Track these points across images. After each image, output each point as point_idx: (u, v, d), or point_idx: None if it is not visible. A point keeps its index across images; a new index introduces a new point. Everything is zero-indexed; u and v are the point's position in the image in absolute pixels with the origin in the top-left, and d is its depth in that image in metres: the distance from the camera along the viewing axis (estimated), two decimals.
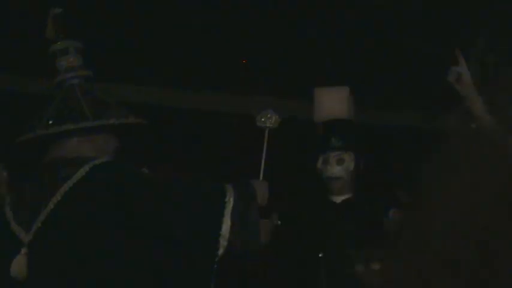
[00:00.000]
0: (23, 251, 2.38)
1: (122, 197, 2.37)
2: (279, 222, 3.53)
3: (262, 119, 3.13)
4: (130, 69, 5.35)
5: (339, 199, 3.76)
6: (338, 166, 3.72)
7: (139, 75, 5.46)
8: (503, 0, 3.63)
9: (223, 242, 2.40)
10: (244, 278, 3.64)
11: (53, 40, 2.61)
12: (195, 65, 5.52)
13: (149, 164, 2.67)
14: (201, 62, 5.45)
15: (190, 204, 2.44)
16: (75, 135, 2.51)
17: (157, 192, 2.42)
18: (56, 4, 2.59)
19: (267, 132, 3.10)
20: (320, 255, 3.60)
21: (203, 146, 5.54)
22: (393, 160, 5.37)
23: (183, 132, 5.57)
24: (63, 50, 2.60)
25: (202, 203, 2.47)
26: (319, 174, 3.76)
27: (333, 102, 3.83)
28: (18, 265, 2.37)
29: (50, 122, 2.51)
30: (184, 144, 5.51)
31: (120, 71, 5.25)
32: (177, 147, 5.48)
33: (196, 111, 5.75)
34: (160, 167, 2.79)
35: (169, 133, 5.34)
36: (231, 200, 2.44)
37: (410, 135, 5.63)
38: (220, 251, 2.41)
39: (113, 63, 4.94)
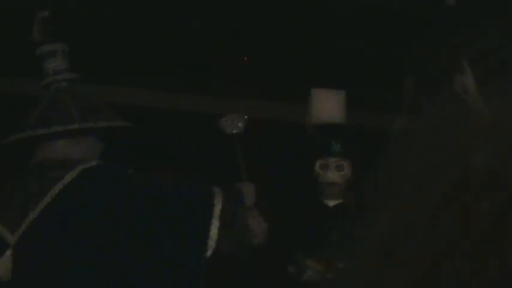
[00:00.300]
0: (8, 252, 2.38)
1: (112, 200, 2.38)
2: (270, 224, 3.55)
3: (228, 125, 3.11)
4: (117, 71, 5.35)
5: (332, 203, 3.77)
6: (337, 172, 3.72)
7: (125, 77, 5.45)
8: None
9: (211, 244, 2.42)
10: (235, 278, 3.65)
11: (40, 42, 2.61)
12: (179, 67, 5.51)
13: (138, 166, 2.68)
14: (185, 64, 5.44)
15: (179, 207, 2.45)
16: (63, 137, 2.52)
17: (147, 194, 2.43)
18: (43, 7, 2.59)
19: (236, 136, 3.09)
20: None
21: (190, 148, 5.54)
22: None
23: (170, 134, 5.56)
24: (50, 52, 2.60)
25: (191, 205, 2.48)
26: (315, 178, 3.76)
27: (330, 105, 3.80)
28: (3, 266, 2.37)
29: (38, 124, 2.52)
30: (171, 146, 5.51)
31: (106, 73, 5.24)
32: (165, 149, 5.47)
33: (183, 113, 5.74)
34: (149, 169, 2.80)
35: (156, 135, 5.33)
36: (220, 202, 2.45)
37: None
38: (209, 253, 2.42)
39: (99, 65, 4.93)
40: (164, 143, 5.42)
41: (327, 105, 3.84)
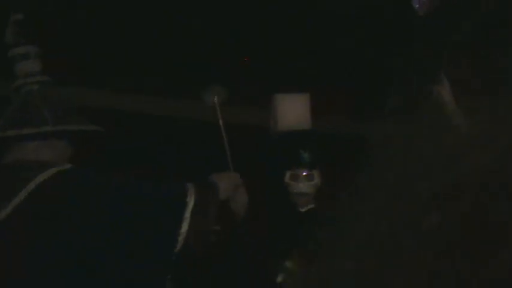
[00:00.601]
0: None
1: (84, 202, 2.38)
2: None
3: (209, 97, 3.15)
4: (92, 74, 5.33)
5: (303, 208, 3.83)
6: (307, 182, 3.76)
7: (101, 79, 5.44)
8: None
9: (181, 240, 2.43)
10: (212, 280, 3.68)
11: (13, 45, 2.60)
12: (156, 69, 5.51)
13: (113, 168, 2.69)
14: (162, 67, 5.44)
15: (152, 208, 2.47)
16: (34, 139, 2.51)
17: (119, 196, 2.44)
18: (17, 9, 2.58)
19: (218, 108, 3.11)
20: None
21: (167, 151, 5.55)
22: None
23: (144, 136, 5.56)
24: (23, 55, 2.60)
25: (164, 203, 2.50)
26: (286, 188, 3.79)
27: (295, 110, 3.76)
28: None
29: (8, 126, 2.51)
30: (149, 148, 5.52)
31: (80, 76, 5.22)
32: (141, 151, 5.48)
33: (160, 116, 5.75)
34: (124, 171, 2.80)
35: (128, 138, 5.32)
36: (192, 198, 2.46)
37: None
38: (178, 247, 2.44)
39: (72, 68, 4.91)
40: (146, 145, 5.42)
41: (292, 111, 3.79)
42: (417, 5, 3.49)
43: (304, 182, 3.76)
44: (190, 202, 2.47)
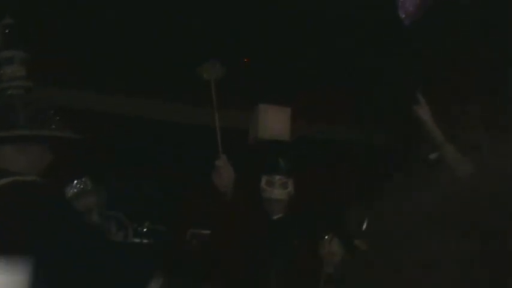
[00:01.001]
0: None
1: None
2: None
3: (207, 71, 3.18)
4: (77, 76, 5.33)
5: (275, 216, 3.89)
6: (282, 190, 3.84)
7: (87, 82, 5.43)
8: None
9: None
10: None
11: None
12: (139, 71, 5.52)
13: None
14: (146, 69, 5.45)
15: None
16: (7, 143, 2.47)
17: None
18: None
19: (213, 83, 3.15)
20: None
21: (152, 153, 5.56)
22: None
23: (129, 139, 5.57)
24: (8, 59, 2.58)
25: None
26: (261, 193, 3.84)
27: (276, 122, 3.90)
28: None
29: None
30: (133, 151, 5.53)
31: (66, 78, 5.21)
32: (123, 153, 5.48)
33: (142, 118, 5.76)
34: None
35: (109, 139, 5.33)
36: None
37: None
38: None
39: (57, 70, 4.90)
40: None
41: (274, 122, 3.94)
42: (403, 15, 3.51)
43: (278, 189, 3.82)
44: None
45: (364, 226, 3.54)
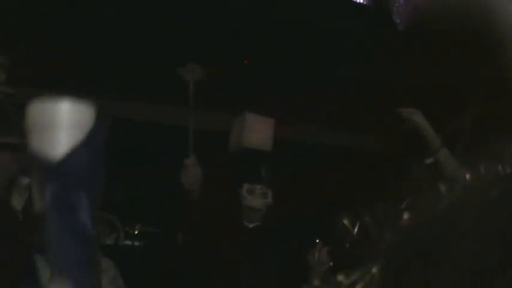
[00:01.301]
0: None
1: None
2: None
3: (186, 72, 3.26)
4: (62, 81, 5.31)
5: (251, 225, 3.89)
6: (261, 199, 3.84)
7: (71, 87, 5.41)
8: None
9: None
10: None
11: None
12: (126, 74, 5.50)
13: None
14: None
15: None
16: None
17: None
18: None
19: (191, 84, 3.24)
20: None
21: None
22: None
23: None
24: None
25: None
26: (241, 200, 3.85)
27: (261, 132, 3.89)
28: None
29: None
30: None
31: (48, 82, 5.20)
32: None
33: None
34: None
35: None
36: None
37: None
38: None
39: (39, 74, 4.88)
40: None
41: (258, 132, 3.93)
42: (398, 20, 3.54)
43: (259, 198, 3.83)
44: None
45: (355, 231, 3.53)
